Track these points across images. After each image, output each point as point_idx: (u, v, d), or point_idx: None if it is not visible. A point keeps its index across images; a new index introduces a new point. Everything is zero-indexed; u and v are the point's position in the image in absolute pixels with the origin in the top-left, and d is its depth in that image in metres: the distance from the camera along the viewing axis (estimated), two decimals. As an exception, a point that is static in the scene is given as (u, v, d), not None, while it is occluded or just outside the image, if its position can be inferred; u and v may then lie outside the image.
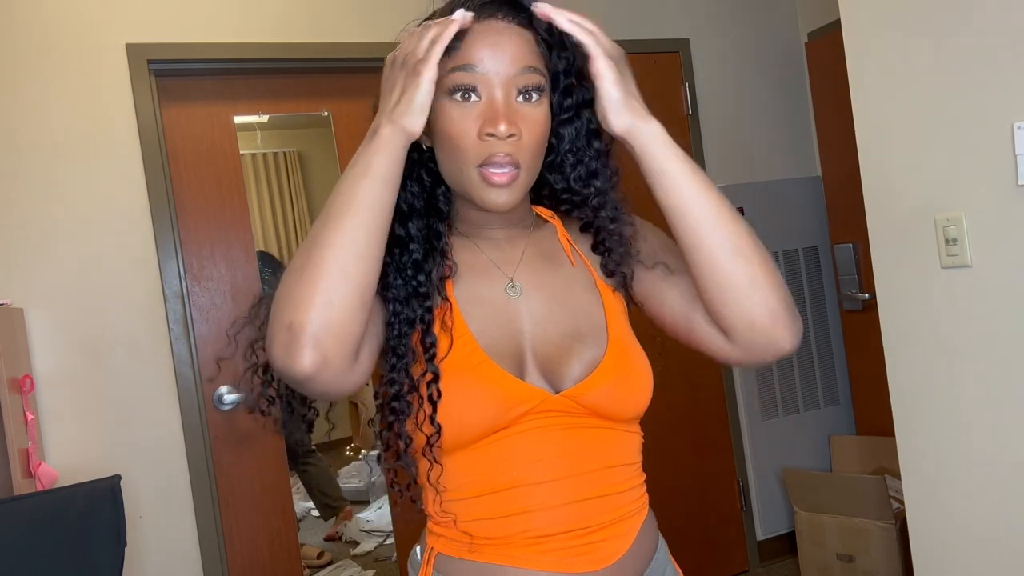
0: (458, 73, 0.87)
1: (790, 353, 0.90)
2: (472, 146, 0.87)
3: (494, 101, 0.87)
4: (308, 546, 3.69)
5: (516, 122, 0.87)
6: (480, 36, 0.88)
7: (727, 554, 3.21)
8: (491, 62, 0.87)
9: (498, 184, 0.87)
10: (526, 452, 0.88)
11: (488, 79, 0.88)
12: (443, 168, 0.93)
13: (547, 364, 0.91)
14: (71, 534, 1.75)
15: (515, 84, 0.88)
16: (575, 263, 0.99)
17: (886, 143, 1.89)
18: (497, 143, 0.86)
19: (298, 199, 3.90)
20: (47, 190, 2.32)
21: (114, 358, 2.37)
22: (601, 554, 0.88)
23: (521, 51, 0.89)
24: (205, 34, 2.52)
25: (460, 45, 0.88)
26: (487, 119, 0.86)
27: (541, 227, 1.02)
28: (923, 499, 1.91)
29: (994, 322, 1.70)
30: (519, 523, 0.87)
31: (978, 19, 1.65)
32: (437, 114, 0.89)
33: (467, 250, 0.97)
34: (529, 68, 0.89)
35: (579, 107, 0.96)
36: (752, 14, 3.35)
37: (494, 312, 0.93)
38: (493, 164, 0.87)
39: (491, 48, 0.88)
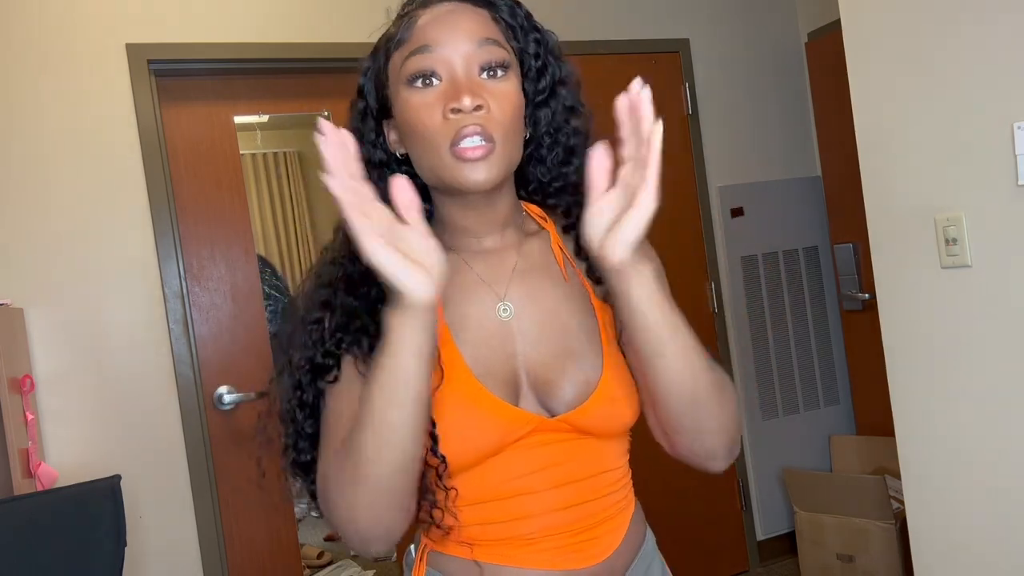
0: (414, 58, 0.84)
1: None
2: (439, 128, 0.83)
3: (455, 78, 0.84)
4: (308, 546, 3.69)
5: (481, 94, 0.83)
6: (432, 18, 0.86)
7: (727, 554, 3.21)
8: (447, 40, 0.84)
9: (472, 158, 0.82)
10: (520, 467, 0.88)
11: (446, 58, 0.84)
12: (419, 165, 0.88)
13: (541, 387, 0.89)
14: (71, 534, 1.75)
15: (476, 60, 0.84)
16: (568, 279, 0.95)
17: (886, 143, 1.89)
18: (464, 117, 0.82)
19: (298, 199, 3.89)
20: (47, 190, 2.32)
21: (114, 358, 2.37)
22: (593, 551, 0.90)
23: (477, 25, 0.86)
24: (205, 34, 2.52)
25: (411, 32, 0.85)
26: (449, 96, 0.82)
27: (533, 235, 0.97)
28: (923, 499, 1.91)
29: (994, 322, 1.70)
30: (513, 528, 0.88)
31: (978, 19, 1.65)
32: (401, 108, 0.86)
33: (455, 267, 0.91)
34: (488, 40, 0.85)
35: (554, 86, 0.93)
36: (752, 14, 3.35)
37: (486, 336, 0.90)
38: (464, 137, 0.81)
39: (445, 26, 0.84)
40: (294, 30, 2.62)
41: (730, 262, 3.25)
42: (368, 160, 0.90)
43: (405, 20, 0.87)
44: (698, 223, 3.21)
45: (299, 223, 3.89)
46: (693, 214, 3.21)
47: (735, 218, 3.26)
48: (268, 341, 2.65)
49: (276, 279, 3.44)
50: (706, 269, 3.22)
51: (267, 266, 3.57)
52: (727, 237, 3.24)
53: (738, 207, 3.27)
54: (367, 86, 0.92)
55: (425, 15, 0.86)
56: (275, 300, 3.29)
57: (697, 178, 3.21)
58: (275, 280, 3.44)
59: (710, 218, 3.24)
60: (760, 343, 3.30)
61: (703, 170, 3.22)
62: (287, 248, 3.86)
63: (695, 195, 3.21)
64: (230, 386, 2.56)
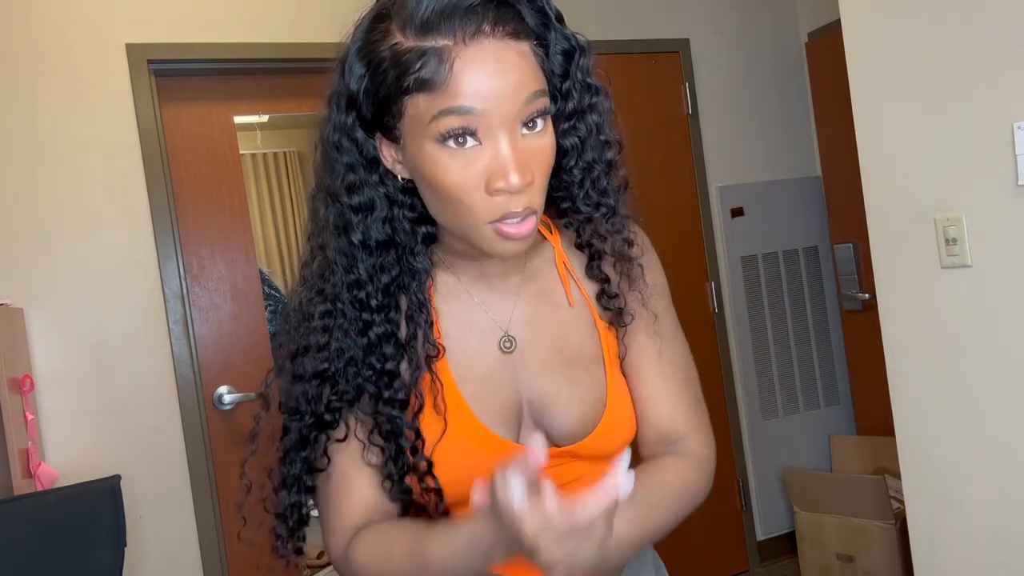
0: (449, 118, 0.72)
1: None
2: (480, 202, 0.74)
3: (498, 147, 0.73)
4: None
5: (528, 167, 0.74)
6: (472, 66, 0.71)
7: (727, 554, 3.21)
8: (493, 101, 0.72)
9: (517, 237, 0.75)
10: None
11: (488, 120, 0.72)
12: (437, 215, 0.80)
13: (542, 418, 0.87)
14: (71, 534, 1.75)
15: (519, 117, 0.74)
16: (573, 302, 0.90)
17: (886, 143, 1.89)
18: (511, 198, 0.74)
19: (298, 199, 3.89)
20: (47, 190, 2.32)
21: (114, 358, 2.37)
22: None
23: (524, 76, 0.73)
24: (205, 34, 2.52)
25: (445, 77, 0.72)
26: (495, 172, 0.73)
27: (537, 250, 0.91)
28: (923, 499, 1.91)
29: (994, 322, 1.70)
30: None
31: (978, 19, 1.65)
32: (427, 164, 0.75)
33: (457, 298, 0.87)
34: (534, 94, 0.74)
35: (582, 112, 0.83)
36: (752, 14, 3.35)
37: (487, 372, 0.86)
38: (509, 220, 0.75)
39: (489, 80, 0.72)
40: (294, 30, 2.62)
41: (730, 262, 3.25)
42: (363, 183, 0.81)
43: (432, 53, 0.72)
44: (698, 223, 3.21)
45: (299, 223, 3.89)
46: (693, 214, 3.21)
47: (735, 218, 3.26)
48: (268, 341, 2.65)
49: (273, 289, 3.43)
50: (706, 269, 3.22)
51: (264, 282, 3.56)
52: (727, 237, 3.24)
53: (738, 207, 3.27)
54: (362, 99, 0.80)
55: (461, 56, 0.71)
56: (275, 300, 3.29)
57: (697, 178, 3.21)
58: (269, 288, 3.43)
59: (710, 218, 3.24)
60: (760, 343, 3.30)
61: (703, 170, 3.22)
62: (287, 248, 3.85)
63: (695, 195, 3.21)
64: (230, 386, 2.56)
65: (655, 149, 3.13)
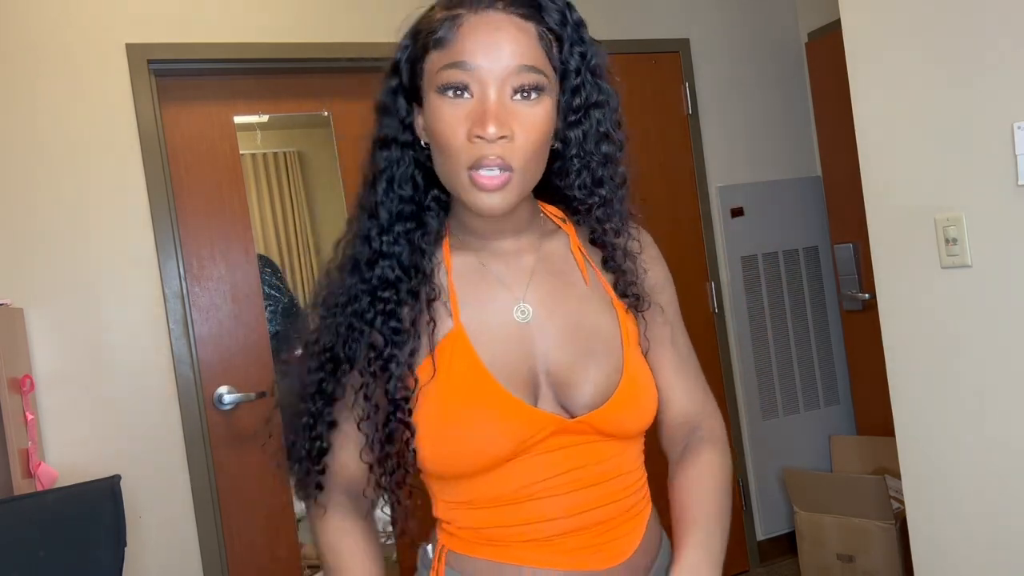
0: (449, 70, 0.83)
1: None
2: (462, 147, 0.83)
3: (485, 100, 0.82)
4: (308, 546, 3.69)
5: (508, 122, 0.82)
6: (474, 30, 0.83)
7: (727, 554, 3.20)
8: (485, 59, 0.82)
9: (488, 188, 0.82)
10: (542, 471, 0.88)
11: (481, 76, 0.82)
12: (437, 169, 0.89)
13: (560, 388, 0.89)
14: (71, 534, 1.75)
15: (510, 83, 0.83)
16: (589, 281, 0.95)
17: (886, 143, 1.89)
18: (486, 145, 0.82)
19: (298, 199, 3.89)
20: (47, 190, 2.32)
21: (114, 358, 2.37)
22: (613, 551, 0.90)
23: (520, 48, 0.83)
24: (205, 34, 2.52)
25: (453, 36, 0.83)
26: (476, 119, 0.82)
27: (551, 236, 0.97)
28: (923, 499, 1.91)
29: (994, 322, 1.70)
30: (534, 530, 0.88)
31: (978, 19, 1.65)
32: (429, 112, 0.86)
33: (471, 268, 0.93)
34: (527, 67, 0.83)
35: (588, 108, 0.90)
36: (752, 14, 3.35)
37: (504, 338, 0.90)
38: (483, 167, 0.82)
39: (486, 44, 0.82)
40: (294, 30, 2.62)
41: (730, 262, 3.25)
42: (394, 139, 0.92)
43: (449, 19, 0.84)
44: (698, 223, 3.21)
45: (299, 223, 3.88)
46: (693, 214, 3.21)
47: (735, 218, 3.26)
48: (268, 341, 2.65)
49: (276, 278, 3.43)
50: (706, 269, 3.22)
51: (268, 264, 3.56)
52: (727, 237, 3.24)
53: (738, 207, 3.27)
54: (403, 65, 0.90)
55: (470, 20, 0.83)
56: (275, 300, 3.29)
57: (697, 178, 3.21)
58: (275, 280, 3.43)
59: (710, 218, 3.24)
60: (760, 343, 3.30)
61: (703, 170, 3.22)
62: (287, 248, 3.85)
63: (695, 195, 3.21)
64: (230, 386, 2.56)
65: (655, 149, 3.12)
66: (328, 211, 3.54)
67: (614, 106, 0.92)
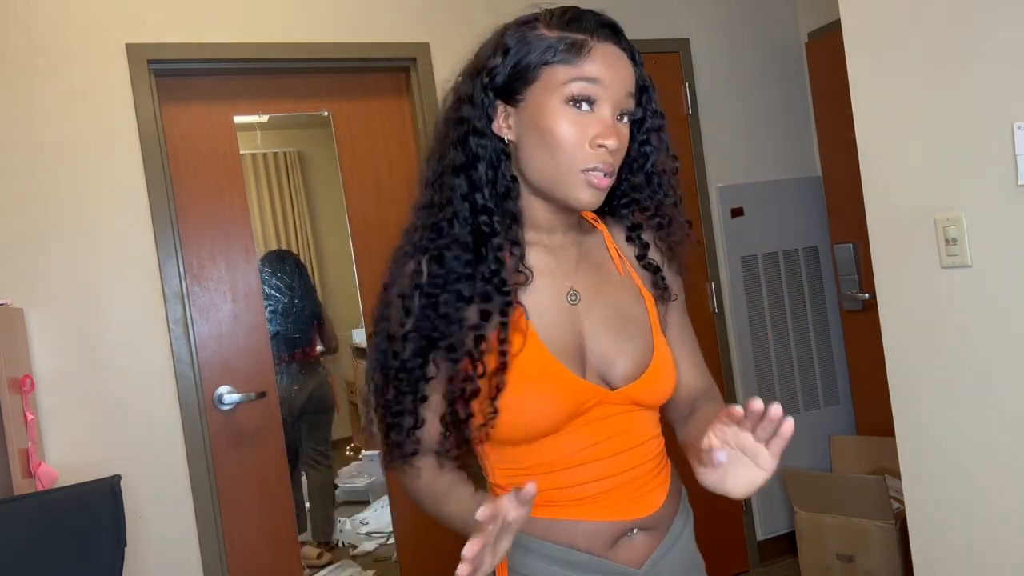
0: (582, 83, 0.98)
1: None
2: (583, 151, 0.98)
3: (606, 116, 0.98)
4: (308, 546, 3.69)
5: (622, 141, 1.00)
6: (602, 54, 0.99)
7: (727, 554, 3.21)
8: (610, 81, 0.98)
9: (598, 187, 0.99)
10: (583, 439, 1.03)
11: (605, 94, 0.98)
12: (534, 164, 1.01)
13: (602, 364, 1.05)
14: (71, 534, 1.75)
15: (620, 105, 1.00)
16: (622, 272, 1.12)
17: (886, 143, 1.89)
18: (606, 153, 0.98)
19: (298, 199, 3.89)
20: (47, 190, 2.32)
21: (114, 358, 2.37)
22: (647, 502, 1.08)
23: (630, 78, 1.01)
24: (205, 34, 2.52)
25: (584, 57, 0.98)
26: (601, 132, 0.97)
27: (590, 234, 1.13)
28: (923, 499, 1.91)
29: (994, 322, 1.70)
30: (583, 490, 1.04)
31: (978, 19, 1.65)
32: (549, 116, 0.98)
33: (531, 258, 1.06)
34: (631, 95, 1.02)
35: (657, 132, 1.09)
36: (752, 14, 3.36)
37: (558, 318, 1.04)
38: (598, 171, 0.98)
39: (612, 68, 0.99)
40: (294, 30, 2.62)
41: (730, 262, 3.25)
42: (481, 131, 1.02)
43: (575, 43, 0.98)
44: (698, 223, 3.21)
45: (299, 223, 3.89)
46: (693, 214, 3.21)
47: (735, 218, 3.26)
48: (268, 341, 2.65)
49: (299, 272, 3.45)
50: (706, 269, 3.22)
51: (289, 255, 3.56)
52: (727, 237, 3.24)
53: (738, 207, 3.27)
54: (500, 66, 1.01)
55: (596, 47, 0.99)
56: (275, 300, 3.29)
57: (697, 178, 3.21)
58: (297, 273, 3.45)
59: (710, 218, 3.24)
60: (760, 343, 3.30)
61: (703, 170, 3.22)
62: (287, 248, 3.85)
63: (695, 195, 3.21)
64: (230, 386, 2.56)
65: (655, 149, 3.12)
66: (328, 211, 3.54)
67: (666, 130, 1.10)
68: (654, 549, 1.08)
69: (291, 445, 2.85)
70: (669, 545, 1.10)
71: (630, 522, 1.06)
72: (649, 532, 1.07)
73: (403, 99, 2.83)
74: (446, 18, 2.81)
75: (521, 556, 1.05)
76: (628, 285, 1.12)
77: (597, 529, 1.04)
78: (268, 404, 2.61)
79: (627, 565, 1.05)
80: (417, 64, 2.75)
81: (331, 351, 3.58)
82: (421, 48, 2.75)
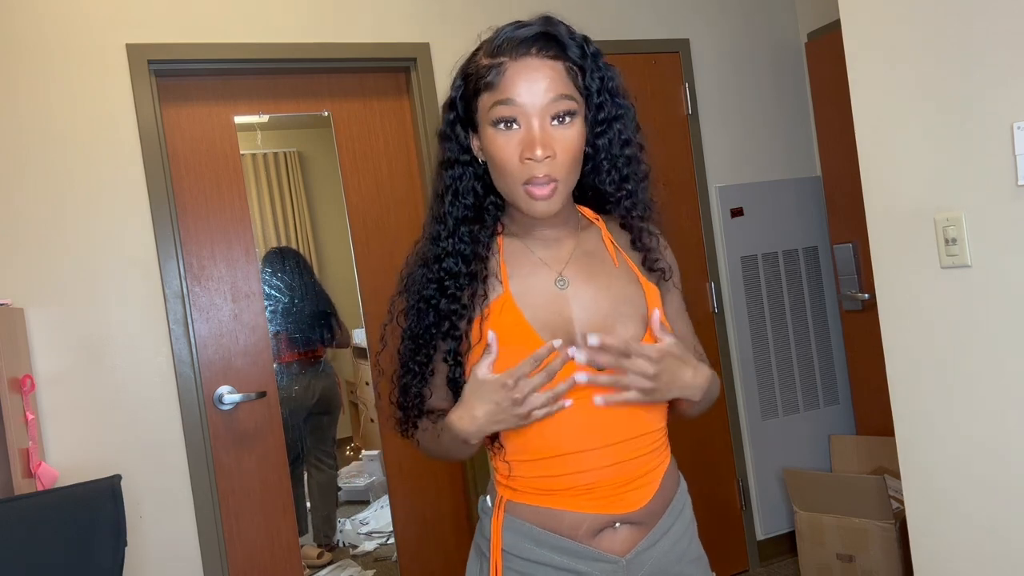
0: (500, 107, 1.05)
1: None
2: (516, 169, 1.05)
3: (531, 129, 1.04)
4: (308, 546, 3.69)
5: (550, 144, 1.04)
6: (516, 72, 1.04)
7: (727, 554, 3.21)
8: (527, 95, 1.04)
9: (540, 198, 1.05)
10: (576, 424, 1.09)
11: (525, 110, 1.04)
12: (496, 184, 1.12)
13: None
14: (71, 534, 1.75)
15: (549, 112, 1.04)
16: (618, 263, 1.17)
17: (886, 143, 1.89)
18: (535, 165, 1.03)
19: (298, 199, 3.89)
20: (47, 190, 2.32)
21: (114, 358, 2.37)
22: (634, 499, 1.12)
23: (553, 82, 1.05)
24: (205, 34, 2.52)
25: (500, 80, 1.05)
26: (525, 146, 1.04)
27: (587, 228, 1.19)
28: (923, 499, 1.91)
29: (994, 322, 1.70)
30: (570, 480, 1.10)
31: (978, 19, 1.65)
32: (486, 141, 1.08)
33: (519, 251, 1.15)
34: (560, 96, 1.05)
35: (611, 121, 1.13)
36: (752, 14, 3.36)
37: (544, 301, 1.11)
38: (534, 183, 1.04)
39: (527, 83, 1.04)
40: (294, 30, 2.62)
41: (730, 262, 3.25)
42: (456, 160, 1.14)
43: (496, 68, 1.05)
44: (698, 223, 3.21)
45: (299, 223, 3.89)
46: (693, 214, 3.21)
47: (735, 218, 3.26)
48: (268, 341, 2.65)
49: (303, 269, 3.44)
50: (706, 269, 3.22)
51: (289, 252, 3.55)
52: (727, 237, 3.25)
53: (738, 207, 3.27)
54: (459, 101, 1.12)
55: (512, 67, 1.05)
56: (275, 300, 3.29)
57: (697, 178, 3.21)
58: (302, 271, 3.44)
59: (710, 218, 3.24)
60: (760, 343, 3.30)
61: (703, 170, 3.22)
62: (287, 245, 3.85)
63: (695, 195, 3.21)
64: (230, 386, 2.56)
65: (655, 149, 3.11)
66: (328, 211, 3.54)
67: (631, 116, 1.16)
68: (638, 542, 1.13)
69: (295, 445, 2.85)
70: (655, 538, 1.15)
71: (613, 516, 1.11)
72: (635, 526, 1.13)
73: (403, 99, 2.83)
74: (446, 18, 2.81)
75: (512, 537, 1.13)
76: (623, 273, 1.16)
77: (580, 520, 1.10)
78: (268, 404, 2.61)
79: (611, 553, 1.11)
80: (417, 64, 2.75)
81: (343, 345, 3.57)
82: (421, 48, 2.75)
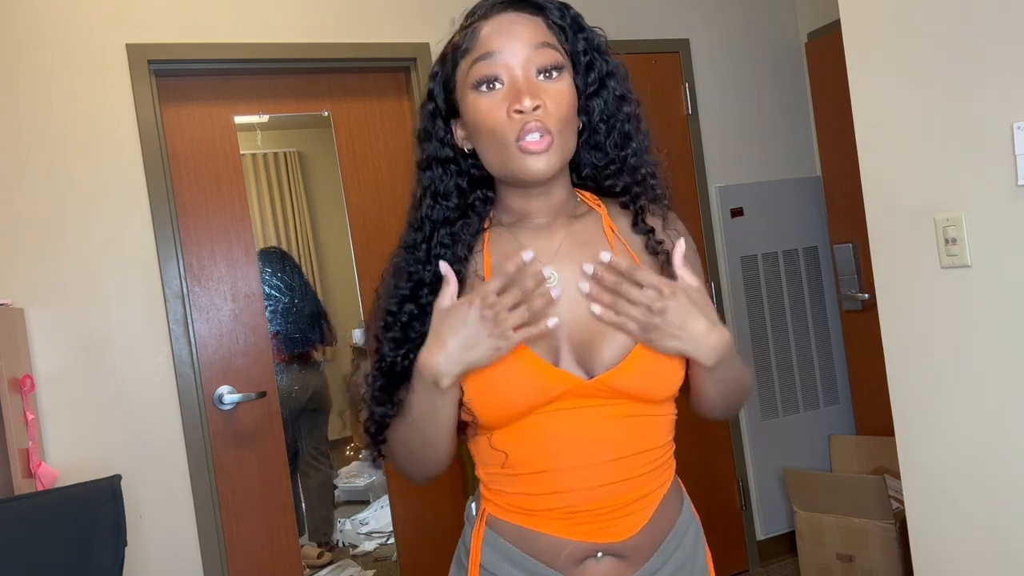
0: (478, 64, 0.95)
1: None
2: (505, 125, 0.94)
3: (515, 81, 0.94)
4: (308, 546, 3.69)
5: (538, 94, 0.94)
6: (493, 28, 0.96)
7: (727, 554, 3.21)
8: (507, 47, 0.94)
9: (535, 151, 0.93)
10: (564, 436, 0.96)
11: (507, 63, 0.94)
12: (487, 159, 0.99)
13: (581, 349, 0.96)
14: (71, 534, 1.75)
15: (533, 63, 0.95)
16: (616, 252, 1.01)
17: (886, 143, 1.89)
18: (526, 116, 0.93)
19: (298, 199, 3.89)
20: (47, 190, 2.32)
21: (114, 358, 2.37)
22: (625, 526, 0.98)
23: (533, 32, 0.96)
24: (205, 34, 2.52)
25: (475, 41, 0.96)
26: (512, 98, 0.93)
27: (584, 216, 1.06)
28: (923, 499, 1.91)
29: (994, 322, 1.70)
30: (556, 500, 0.97)
31: (978, 19, 1.65)
32: (469, 109, 0.98)
33: (504, 241, 1.03)
34: (543, 44, 0.96)
35: (603, 79, 1.03)
36: (752, 14, 3.36)
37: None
38: (527, 133, 0.93)
39: (506, 36, 0.95)
40: (294, 30, 2.62)
41: (730, 262, 3.25)
42: (435, 157, 1.04)
43: (469, 31, 0.97)
44: (698, 223, 3.21)
45: (299, 223, 3.89)
46: (693, 214, 3.21)
47: (735, 218, 3.26)
48: (268, 341, 2.65)
49: (295, 272, 3.44)
50: (706, 269, 3.22)
51: (277, 260, 3.56)
52: (727, 237, 3.24)
53: (738, 207, 3.27)
54: (436, 90, 1.03)
55: (487, 26, 0.96)
56: (275, 300, 3.29)
57: (697, 178, 3.21)
58: (292, 271, 3.44)
59: (710, 218, 3.24)
60: (760, 343, 3.30)
61: (703, 170, 3.22)
62: (287, 248, 3.85)
63: (695, 195, 3.21)
64: (230, 386, 2.56)
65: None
66: (328, 211, 3.54)
67: (623, 74, 1.05)
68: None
69: (292, 444, 2.85)
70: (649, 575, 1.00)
71: (596, 544, 0.97)
72: (622, 560, 0.98)
73: (403, 99, 2.83)
74: (446, 18, 2.79)
75: (491, 554, 1.02)
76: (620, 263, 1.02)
77: (560, 546, 0.97)
78: (268, 404, 2.61)
79: None
80: (417, 64, 2.75)
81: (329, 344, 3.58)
82: (421, 48, 2.75)
